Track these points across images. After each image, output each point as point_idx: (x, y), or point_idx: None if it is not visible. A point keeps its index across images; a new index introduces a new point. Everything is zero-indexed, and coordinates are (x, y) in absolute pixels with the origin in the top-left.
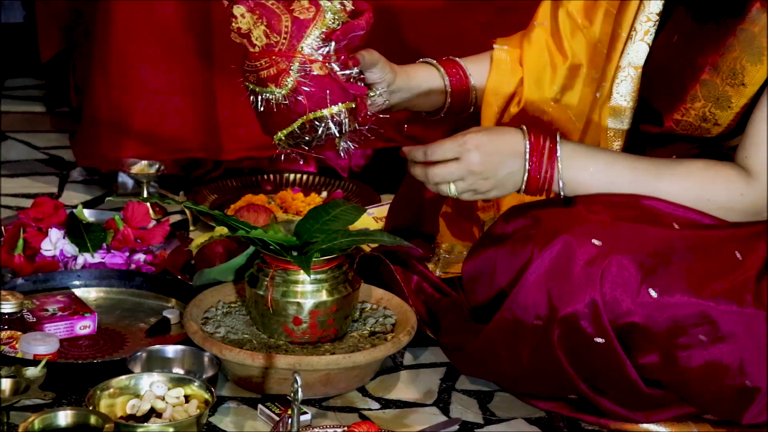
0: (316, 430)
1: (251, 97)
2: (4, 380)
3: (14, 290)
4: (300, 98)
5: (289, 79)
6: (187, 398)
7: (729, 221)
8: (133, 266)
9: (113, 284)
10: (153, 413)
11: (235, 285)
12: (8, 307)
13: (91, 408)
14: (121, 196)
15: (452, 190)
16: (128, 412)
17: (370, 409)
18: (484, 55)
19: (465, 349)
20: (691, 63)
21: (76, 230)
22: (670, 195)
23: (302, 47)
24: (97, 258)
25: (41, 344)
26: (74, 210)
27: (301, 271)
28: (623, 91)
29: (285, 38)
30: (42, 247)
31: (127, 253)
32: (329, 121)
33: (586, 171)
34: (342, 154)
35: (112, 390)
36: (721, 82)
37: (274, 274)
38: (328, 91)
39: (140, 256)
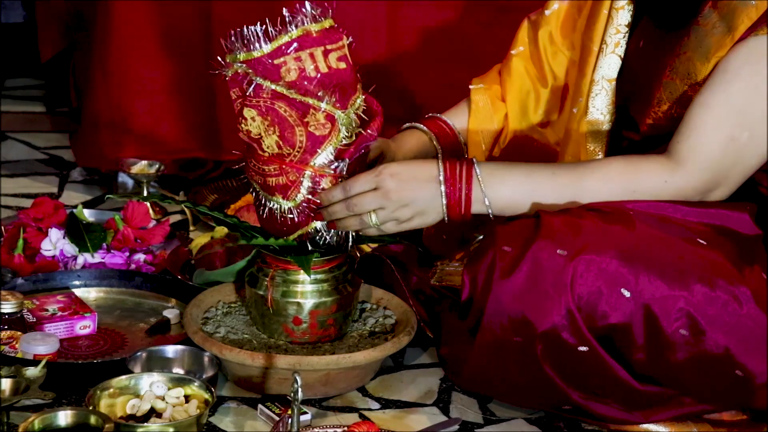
0: (316, 430)
1: (254, 195)
2: (4, 380)
3: (14, 290)
4: (306, 211)
5: (298, 195)
6: (187, 398)
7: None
8: (133, 266)
9: (113, 284)
10: (153, 413)
11: (235, 285)
12: (8, 307)
13: (91, 408)
14: (124, 196)
15: (373, 219)
16: (128, 412)
17: (370, 409)
18: (462, 103)
19: (461, 365)
20: (654, 67)
21: (76, 230)
22: (595, 193)
23: (314, 162)
24: (97, 258)
25: (41, 344)
26: (74, 210)
27: (301, 271)
28: (599, 105)
29: (298, 152)
30: (42, 247)
31: (127, 253)
32: (325, 232)
33: (506, 185)
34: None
35: (112, 390)
36: (680, 83)
37: (274, 274)
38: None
39: (140, 256)
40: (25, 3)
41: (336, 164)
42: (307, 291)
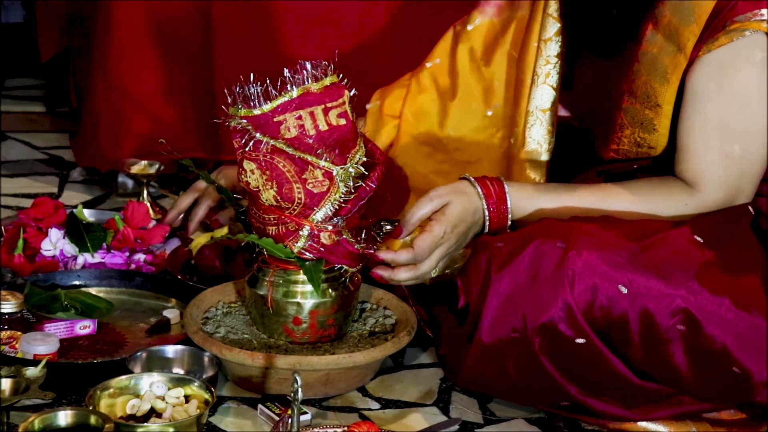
0: (316, 430)
1: (253, 236)
2: (4, 380)
3: (14, 290)
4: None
5: (296, 244)
6: (187, 398)
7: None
8: (133, 266)
9: (113, 284)
10: (153, 413)
11: (235, 285)
12: (8, 307)
13: (91, 408)
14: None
15: (434, 273)
16: (128, 412)
17: (370, 409)
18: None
19: (459, 365)
20: (610, 94)
21: (76, 230)
22: (617, 210)
23: (313, 218)
24: (97, 258)
25: (41, 344)
26: (74, 210)
27: (301, 271)
28: (535, 135)
29: (297, 206)
30: (42, 247)
31: (127, 253)
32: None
33: (535, 207)
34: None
35: (112, 390)
36: (640, 106)
37: (274, 274)
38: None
39: (140, 256)
40: (25, 3)
41: (334, 220)
42: (307, 291)
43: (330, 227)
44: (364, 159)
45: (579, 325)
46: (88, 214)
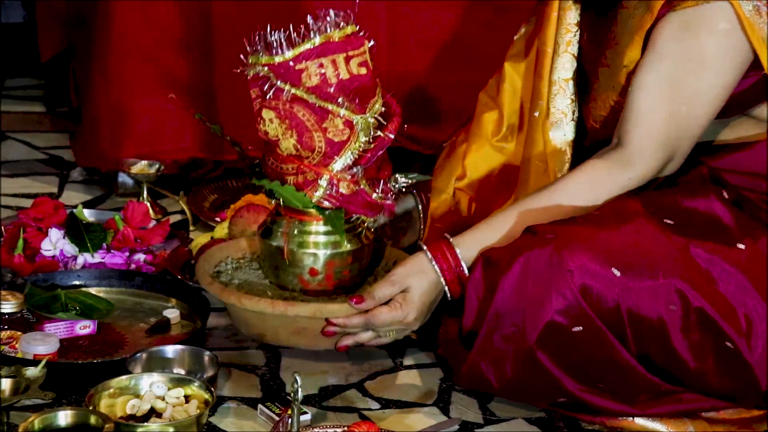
0: (316, 430)
1: (267, 191)
2: (4, 380)
3: (14, 290)
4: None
5: (316, 193)
6: (187, 398)
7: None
8: (133, 266)
9: (113, 284)
10: (153, 413)
11: (241, 241)
12: (8, 307)
13: (91, 408)
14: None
15: (391, 336)
16: (128, 412)
17: (370, 409)
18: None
19: (458, 364)
20: (593, 57)
21: (76, 230)
22: (568, 213)
23: (332, 168)
24: (97, 258)
25: (41, 344)
26: (74, 210)
27: (317, 222)
28: (559, 105)
29: (317, 155)
30: (42, 247)
31: (127, 253)
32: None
33: (482, 245)
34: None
35: (112, 390)
36: (612, 68)
37: (289, 226)
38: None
39: (140, 256)
40: (25, 3)
41: (353, 170)
42: (322, 242)
43: (349, 177)
44: (383, 109)
45: (579, 313)
46: (88, 214)
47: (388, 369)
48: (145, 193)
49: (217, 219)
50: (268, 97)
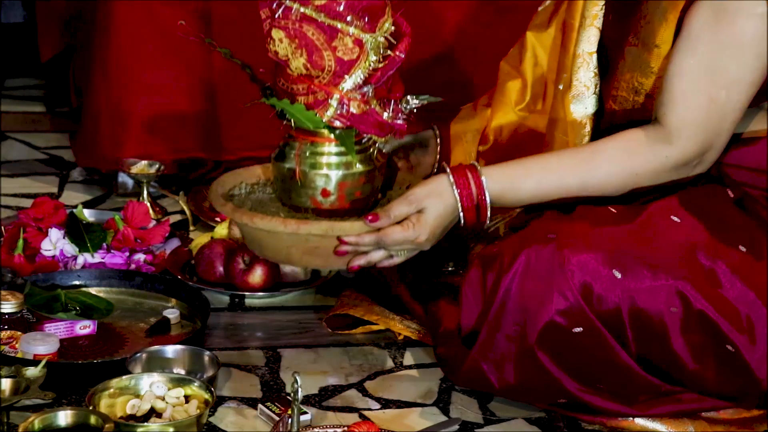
0: (316, 430)
1: (278, 113)
2: (4, 380)
3: (14, 290)
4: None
5: (327, 113)
6: (187, 398)
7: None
8: (133, 266)
9: (113, 284)
10: (153, 413)
11: (254, 168)
12: (8, 307)
13: (91, 408)
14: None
15: (402, 256)
16: (128, 412)
17: (370, 409)
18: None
19: (458, 363)
20: (619, 35)
21: (76, 230)
22: (599, 181)
23: (342, 87)
24: (97, 258)
25: (41, 344)
26: (74, 210)
27: (329, 144)
28: (582, 78)
29: (327, 74)
30: (42, 247)
31: (127, 253)
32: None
33: (515, 195)
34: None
35: (112, 390)
36: (641, 47)
37: (301, 147)
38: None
39: (140, 256)
40: (25, 3)
41: (364, 89)
42: (334, 162)
43: (359, 96)
44: (392, 29)
45: (579, 314)
46: (88, 214)
47: (388, 369)
48: (145, 193)
49: (217, 219)
50: (277, 16)
